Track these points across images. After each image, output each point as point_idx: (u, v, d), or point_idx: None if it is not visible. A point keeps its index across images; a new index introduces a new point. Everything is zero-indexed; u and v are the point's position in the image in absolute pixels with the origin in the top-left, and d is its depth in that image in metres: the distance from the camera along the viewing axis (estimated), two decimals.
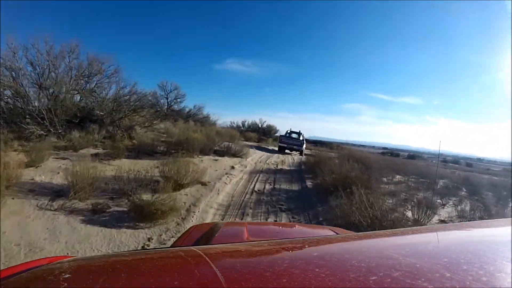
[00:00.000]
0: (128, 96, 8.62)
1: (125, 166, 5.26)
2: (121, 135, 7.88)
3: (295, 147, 14.63)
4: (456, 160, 53.81)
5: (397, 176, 9.22)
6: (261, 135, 24.82)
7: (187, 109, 20.50)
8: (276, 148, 15.96)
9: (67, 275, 0.50)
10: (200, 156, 7.81)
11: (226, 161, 8.19)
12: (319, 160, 9.23)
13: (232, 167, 7.45)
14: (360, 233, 0.93)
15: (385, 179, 7.99)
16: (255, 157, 10.48)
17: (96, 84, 8.68)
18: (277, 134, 26.03)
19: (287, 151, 14.71)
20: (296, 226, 2.39)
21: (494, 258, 0.51)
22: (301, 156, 13.83)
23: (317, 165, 8.23)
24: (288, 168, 9.31)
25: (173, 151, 7.51)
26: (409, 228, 1.10)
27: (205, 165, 6.79)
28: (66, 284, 0.45)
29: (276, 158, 11.47)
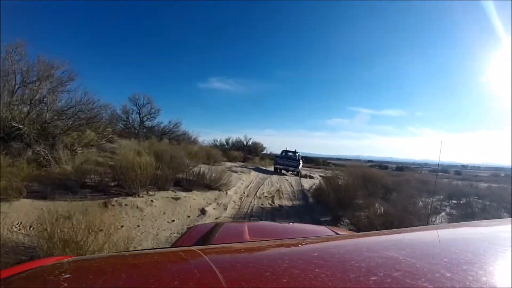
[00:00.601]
0: (73, 108, 6.07)
1: None
2: (45, 157, 5.28)
3: (291, 168, 14.05)
4: (445, 169, 52.99)
5: (426, 199, 7.14)
6: (246, 153, 22.33)
7: (161, 126, 17.65)
8: (266, 168, 15.42)
9: (67, 275, 0.50)
10: (152, 193, 5.25)
11: (195, 198, 5.64)
12: (335, 188, 6.45)
13: (202, 212, 4.92)
14: (360, 233, 0.99)
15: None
16: (240, 187, 8.11)
17: (48, 91, 7.06)
18: (265, 152, 23.80)
19: (283, 171, 14.02)
20: (296, 226, 2.28)
21: (494, 258, 0.51)
22: (298, 177, 12.90)
23: (336, 197, 5.77)
24: (291, 204, 6.76)
25: (113, 183, 4.87)
26: (409, 228, 1.11)
27: (154, 211, 4.20)
28: (66, 284, 0.45)
29: (269, 185, 9.30)
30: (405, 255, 0.53)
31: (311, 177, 13.46)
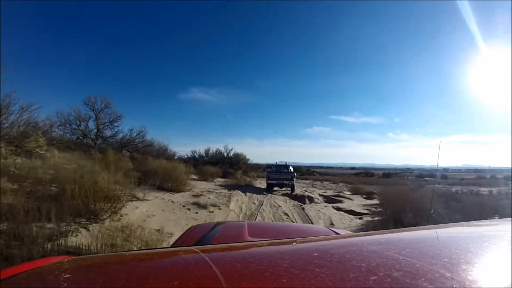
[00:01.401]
0: None
1: None
2: None
3: (285, 182, 13.12)
4: (431, 174, 52.30)
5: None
6: (227, 166, 19.10)
7: (122, 135, 14.26)
8: (253, 184, 14.64)
9: (67, 275, 0.51)
10: None
11: None
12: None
13: None
14: (360, 233, 0.99)
15: None
16: None
17: None
18: (250, 162, 20.99)
19: (275, 188, 13.23)
20: (296, 226, 2.38)
21: (494, 258, 0.52)
22: (295, 201, 11.16)
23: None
24: None
25: None
26: (409, 228, 1.07)
27: None
28: (66, 284, 0.46)
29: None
30: (405, 255, 0.54)
31: (310, 199, 10.57)
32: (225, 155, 21.56)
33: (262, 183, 17.35)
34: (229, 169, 18.97)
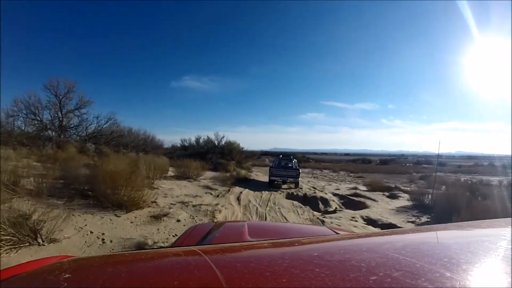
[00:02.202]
0: None
1: None
2: None
3: (290, 179, 11.62)
4: (428, 161, 53.82)
5: None
6: (218, 157, 16.76)
7: (90, 124, 11.69)
8: (255, 177, 13.57)
9: (67, 275, 0.51)
10: None
11: None
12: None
13: None
14: (360, 233, 1.05)
15: None
16: None
17: None
18: (245, 149, 18.91)
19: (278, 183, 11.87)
20: (296, 226, 2.36)
21: (494, 258, 0.52)
22: (297, 189, 10.80)
23: None
24: None
25: None
26: (409, 228, 1.08)
27: None
28: (66, 284, 0.47)
29: None
30: (405, 255, 0.54)
31: (325, 202, 8.35)
32: (216, 144, 19.09)
33: (259, 176, 15.32)
34: (221, 159, 16.62)
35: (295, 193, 9.92)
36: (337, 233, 1.29)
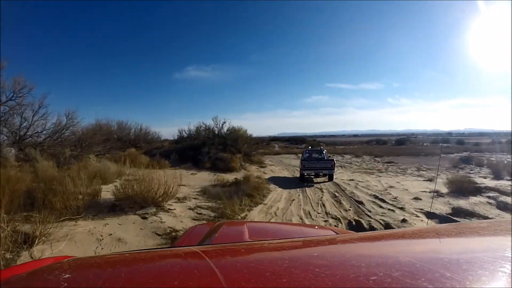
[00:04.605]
0: None
1: None
2: None
3: (324, 171, 10.61)
4: (445, 140, 51.00)
5: None
6: (218, 150, 12.69)
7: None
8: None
9: (67, 275, 0.51)
10: None
11: None
12: None
13: None
14: (360, 233, 1.01)
15: None
16: None
17: None
18: (253, 136, 15.55)
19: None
20: (296, 226, 2.34)
21: (494, 258, 0.52)
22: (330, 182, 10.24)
23: None
24: None
25: None
26: (409, 228, 1.11)
27: None
28: (66, 284, 0.47)
29: None
30: (405, 255, 0.55)
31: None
32: (216, 133, 14.94)
33: (274, 171, 13.54)
34: (223, 152, 12.63)
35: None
36: (337, 233, 1.29)
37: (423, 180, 10.47)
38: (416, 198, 7.31)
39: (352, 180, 10.71)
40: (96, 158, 10.29)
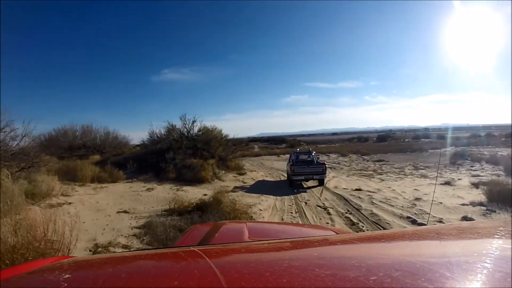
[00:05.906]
0: None
1: None
2: None
3: (315, 176, 9.81)
4: (426, 135, 51.43)
5: None
6: (187, 155, 10.48)
7: None
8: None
9: (67, 275, 0.51)
10: None
11: None
12: None
13: None
14: (360, 233, 1.02)
15: None
16: None
17: None
18: (230, 137, 13.46)
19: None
20: (296, 226, 2.30)
21: (494, 257, 0.53)
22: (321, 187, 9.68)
23: None
24: None
25: None
26: (409, 228, 1.11)
27: None
28: (66, 284, 0.47)
29: None
30: (405, 255, 0.56)
31: None
32: (186, 134, 12.60)
33: (256, 178, 12.03)
34: (193, 157, 10.37)
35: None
36: (337, 233, 1.30)
37: (441, 184, 8.65)
38: (465, 218, 5.24)
39: (359, 190, 8.58)
40: (17, 173, 7.75)
